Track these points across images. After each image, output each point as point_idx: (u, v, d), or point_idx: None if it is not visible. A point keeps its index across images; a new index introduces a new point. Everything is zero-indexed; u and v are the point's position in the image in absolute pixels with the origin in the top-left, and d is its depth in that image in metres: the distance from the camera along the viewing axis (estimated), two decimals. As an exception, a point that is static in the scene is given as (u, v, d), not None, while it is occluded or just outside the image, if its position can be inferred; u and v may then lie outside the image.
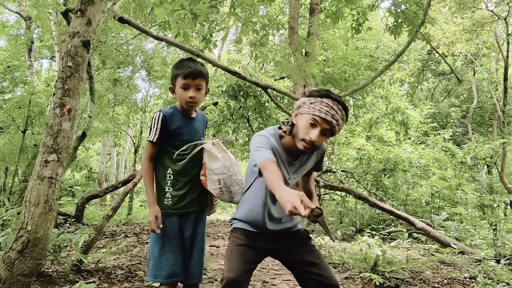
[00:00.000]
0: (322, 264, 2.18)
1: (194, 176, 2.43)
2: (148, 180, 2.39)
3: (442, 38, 14.51)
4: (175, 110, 2.43)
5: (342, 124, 2.08)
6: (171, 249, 2.34)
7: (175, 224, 2.38)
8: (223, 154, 2.37)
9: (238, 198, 2.41)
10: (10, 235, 3.70)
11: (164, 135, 2.36)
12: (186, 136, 2.41)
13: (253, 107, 10.40)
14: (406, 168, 9.70)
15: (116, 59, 8.02)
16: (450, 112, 18.41)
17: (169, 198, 2.38)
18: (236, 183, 2.39)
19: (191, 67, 2.35)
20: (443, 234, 6.52)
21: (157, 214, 2.31)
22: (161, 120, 2.35)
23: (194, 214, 2.45)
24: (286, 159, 2.20)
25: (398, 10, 6.96)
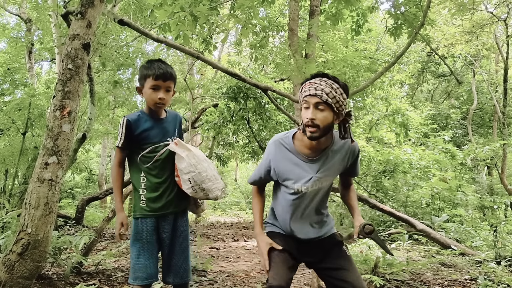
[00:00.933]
0: (351, 272, 2.10)
1: (168, 177, 2.41)
2: (116, 185, 2.42)
3: (441, 39, 14.52)
4: (141, 113, 2.43)
5: (333, 92, 1.97)
6: (147, 251, 2.35)
7: (151, 226, 2.37)
8: (187, 152, 2.36)
9: (214, 194, 2.39)
10: (10, 238, 3.70)
11: (130, 140, 2.36)
12: (154, 138, 2.40)
13: (253, 109, 10.39)
14: (406, 170, 9.69)
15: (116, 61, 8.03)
16: (450, 113, 18.40)
17: (143, 201, 2.38)
18: (208, 179, 2.36)
19: (162, 68, 2.34)
20: (443, 236, 6.52)
21: (122, 221, 2.35)
22: (126, 125, 2.34)
23: (172, 215, 2.43)
24: (303, 158, 2.13)
25: (398, 11, 6.96)
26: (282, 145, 2.16)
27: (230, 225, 10.89)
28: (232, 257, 6.00)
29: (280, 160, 2.15)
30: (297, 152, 2.13)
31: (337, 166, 2.17)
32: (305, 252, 2.21)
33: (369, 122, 13.28)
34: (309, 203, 2.18)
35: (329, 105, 1.97)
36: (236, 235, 8.60)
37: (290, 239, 2.20)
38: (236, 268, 5.17)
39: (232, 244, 7.35)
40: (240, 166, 24.78)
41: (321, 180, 2.14)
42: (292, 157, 2.14)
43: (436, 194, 8.80)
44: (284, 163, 2.15)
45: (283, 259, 2.12)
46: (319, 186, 2.15)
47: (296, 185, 2.13)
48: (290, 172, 2.14)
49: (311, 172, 2.12)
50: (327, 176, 2.15)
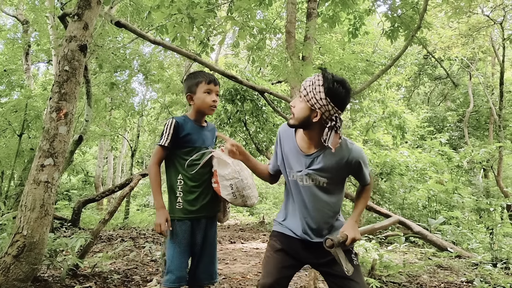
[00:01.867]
0: (358, 283, 2.07)
1: (204, 182, 2.47)
2: (156, 184, 2.44)
3: (438, 42, 14.59)
4: (186, 118, 2.54)
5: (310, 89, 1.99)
6: (181, 254, 2.39)
7: (186, 229, 2.42)
8: (231, 160, 2.41)
9: (251, 201, 2.45)
10: (5, 240, 3.68)
11: (175, 141, 2.44)
12: (196, 143, 2.49)
13: (250, 111, 10.40)
14: (403, 172, 9.71)
15: (113, 63, 8.03)
16: (447, 116, 18.47)
17: (180, 203, 2.43)
18: (248, 187, 2.43)
19: (212, 75, 2.54)
20: (440, 238, 6.53)
21: (166, 217, 2.38)
22: (174, 126, 2.43)
23: (205, 220, 2.49)
24: (299, 150, 2.17)
25: (395, 14, 6.99)
26: (286, 133, 2.25)
27: (227, 227, 10.88)
28: (228, 260, 5.99)
29: (287, 145, 2.22)
30: (295, 143, 2.19)
31: (331, 171, 2.12)
32: (311, 254, 2.19)
33: (366, 124, 13.31)
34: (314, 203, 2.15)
35: (302, 98, 2.04)
36: (233, 238, 8.59)
37: (293, 240, 2.20)
38: (233, 270, 5.17)
39: (229, 247, 7.34)
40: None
41: (311, 176, 2.12)
42: (294, 144, 2.19)
43: (432, 197, 8.82)
44: (289, 148, 2.21)
45: (277, 258, 2.15)
46: (310, 182, 2.14)
47: (291, 172, 2.19)
48: (290, 158, 2.20)
49: (303, 165, 2.15)
50: (319, 175, 2.11)
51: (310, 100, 2.00)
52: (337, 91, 1.97)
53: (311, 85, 2.00)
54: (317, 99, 1.98)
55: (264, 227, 10.84)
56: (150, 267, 5.00)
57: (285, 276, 2.14)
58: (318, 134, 2.08)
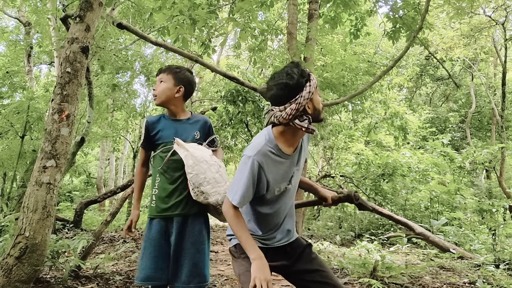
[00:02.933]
0: (327, 272, 2.07)
1: (178, 178, 2.37)
2: (136, 184, 2.54)
3: (440, 43, 14.57)
4: (163, 116, 2.54)
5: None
6: (149, 253, 2.34)
7: (158, 227, 2.37)
8: (186, 152, 2.30)
9: (213, 198, 2.27)
10: (8, 241, 3.69)
11: (149, 140, 2.48)
12: (166, 138, 2.44)
13: (251, 112, 10.40)
14: (405, 173, 9.70)
15: (115, 64, 8.05)
16: (449, 117, 18.44)
17: (153, 201, 2.41)
18: (206, 182, 2.25)
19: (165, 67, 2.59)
20: (442, 239, 6.52)
21: (132, 218, 2.44)
22: (145, 125, 2.49)
23: (180, 218, 2.35)
24: (285, 155, 1.99)
25: (396, 15, 6.98)
26: (268, 151, 1.95)
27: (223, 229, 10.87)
28: (230, 261, 5.98)
29: (272, 169, 1.97)
30: (281, 152, 1.98)
31: (304, 154, 2.13)
32: (278, 257, 2.11)
33: (367, 125, 13.30)
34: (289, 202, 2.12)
35: None
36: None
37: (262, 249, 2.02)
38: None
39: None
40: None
41: (297, 173, 2.10)
42: (279, 160, 1.98)
43: (434, 198, 8.81)
44: (275, 170, 1.98)
45: None
46: (296, 180, 2.11)
47: (281, 185, 2.03)
48: (279, 176, 2.01)
49: (292, 167, 2.04)
50: (300, 167, 2.10)
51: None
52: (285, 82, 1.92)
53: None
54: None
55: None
56: (152, 268, 4.99)
57: None
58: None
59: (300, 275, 2.10)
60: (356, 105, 12.42)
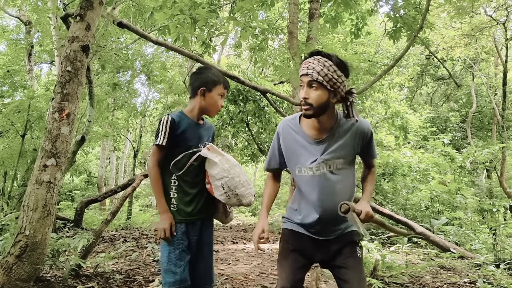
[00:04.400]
0: (354, 273, 2.04)
1: (199, 183, 2.38)
2: (158, 186, 2.34)
3: (441, 43, 14.56)
4: (182, 114, 2.41)
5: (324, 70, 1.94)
6: (177, 256, 2.30)
7: (181, 231, 2.33)
8: (220, 157, 2.32)
9: (247, 200, 2.35)
10: (8, 240, 3.69)
11: (171, 139, 2.32)
12: (191, 141, 2.38)
13: (252, 112, 10.41)
14: (406, 173, 9.70)
15: (116, 63, 8.05)
16: (449, 116, 18.43)
17: (174, 205, 2.34)
18: (241, 185, 2.32)
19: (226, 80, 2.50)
20: (442, 239, 6.51)
21: (171, 222, 2.30)
22: (170, 123, 2.31)
23: (200, 222, 2.40)
24: (309, 140, 2.09)
25: (397, 15, 6.98)
26: (289, 127, 2.15)
27: (229, 228, 10.88)
28: (231, 260, 5.99)
29: (288, 142, 2.14)
30: (304, 134, 2.10)
31: (346, 148, 2.09)
32: (320, 249, 2.15)
33: (368, 125, 13.26)
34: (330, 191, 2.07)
35: (321, 83, 1.95)
36: (235, 238, 8.58)
37: (305, 237, 2.15)
38: (235, 271, 5.16)
39: (231, 247, 7.34)
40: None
41: (328, 162, 2.06)
42: (298, 138, 2.11)
43: (435, 197, 8.80)
44: (291, 144, 2.13)
45: (291, 260, 2.12)
46: (327, 169, 2.07)
47: (301, 168, 2.10)
48: (296, 154, 2.12)
49: (316, 153, 2.07)
50: (334, 158, 2.07)
51: (334, 84, 1.96)
52: (343, 63, 2.00)
53: (325, 69, 1.94)
54: (336, 78, 1.96)
55: (267, 227, 10.80)
56: (153, 267, 5.00)
57: (300, 277, 2.12)
58: (329, 117, 2.05)
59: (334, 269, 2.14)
60: (357, 105, 12.40)
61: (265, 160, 2.40)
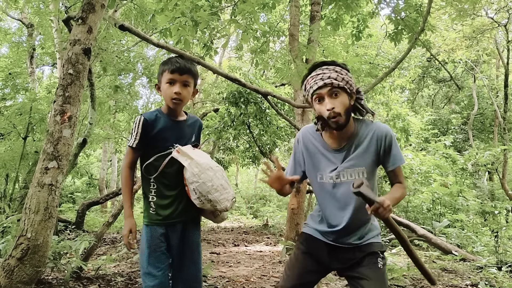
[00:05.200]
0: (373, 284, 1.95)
1: (178, 185, 2.28)
2: (126, 189, 2.28)
3: (442, 45, 14.55)
4: (159, 113, 2.30)
5: (339, 74, 1.93)
6: (156, 259, 2.23)
7: (160, 234, 2.26)
8: (189, 161, 2.20)
9: (222, 205, 2.22)
10: (10, 242, 3.70)
11: (145, 140, 2.23)
12: (169, 141, 2.27)
13: (253, 114, 10.40)
14: (407, 175, 9.69)
15: (117, 66, 8.05)
16: (451, 118, 18.41)
17: (153, 208, 2.27)
18: (214, 190, 2.18)
19: (179, 62, 2.25)
20: (444, 241, 6.50)
21: (131, 228, 2.22)
22: (142, 123, 2.21)
23: (181, 224, 2.31)
24: (329, 148, 2.05)
25: (398, 17, 6.98)
26: (309, 133, 2.13)
27: (230, 230, 10.87)
28: (232, 262, 5.98)
29: (309, 148, 2.12)
30: (323, 142, 2.08)
31: (367, 155, 2.02)
32: (338, 259, 2.09)
33: (369, 127, 13.26)
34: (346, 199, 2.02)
35: (342, 88, 1.93)
36: (236, 240, 8.58)
37: (321, 243, 2.11)
38: (237, 273, 5.16)
39: (233, 249, 7.33)
40: (241, 171, 24.72)
41: (348, 171, 2.02)
42: (318, 146, 2.09)
43: (437, 199, 8.79)
44: (311, 151, 2.11)
45: (301, 261, 2.08)
46: (348, 177, 2.02)
47: (322, 176, 2.07)
48: (317, 161, 2.09)
49: (336, 162, 2.03)
50: (355, 166, 2.02)
51: (351, 86, 1.96)
52: (345, 64, 2.01)
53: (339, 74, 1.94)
54: (350, 79, 1.97)
55: (268, 229, 10.82)
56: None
57: (307, 281, 2.06)
58: (349, 124, 2.00)
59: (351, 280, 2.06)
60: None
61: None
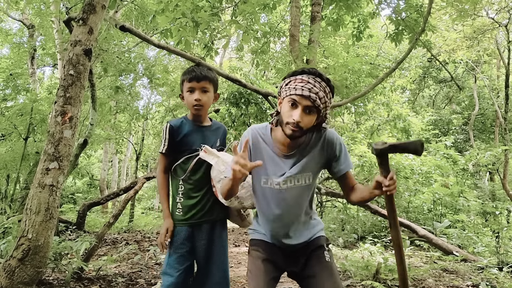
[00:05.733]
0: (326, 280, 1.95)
1: (205, 186, 2.36)
2: (162, 192, 2.39)
3: (443, 45, 14.55)
4: (185, 119, 2.44)
5: (325, 97, 1.86)
6: (175, 259, 2.30)
7: (184, 235, 2.33)
8: (216, 159, 2.28)
9: (250, 202, 2.25)
10: (11, 243, 3.70)
11: (173, 145, 2.35)
12: (195, 144, 2.37)
13: (254, 114, 10.40)
14: (408, 175, 9.67)
15: (118, 66, 8.06)
16: (452, 119, 18.40)
17: (179, 209, 2.35)
18: (241, 187, 2.21)
19: (196, 70, 2.37)
20: (445, 242, 6.49)
21: (168, 227, 2.31)
22: (169, 130, 2.35)
23: (208, 225, 2.37)
24: (278, 152, 2.01)
25: (399, 17, 6.99)
26: (259, 135, 2.06)
27: (231, 231, 10.86)
28: (233, 263, 5.98)
29: (257, 151, 2.04)
30: (274, 146, 2.02)
31: (315, 161, 2.02)
32: (290, 261, 2.10)
33: (370, 127, 13.28)
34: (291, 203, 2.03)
35: (317, 109, 1.87)
36: (237, 241, 8.58)
37: (275, 247, 2.10)
38: (237, 274, 5.16)
39: (233, 250, 7.33)
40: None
41: (296, 177, 2.01)
42: (268, 150, 2.03)
43: (437, 200, 8.78)
44: (260, 154, 2.04)
45: (263, 270, 2.01)
46: (295, 183, 2.01)
47: (267, 180, 2.03)
48: (264, 165, 2.01)
49: (285, 167, 2.01)
50: (302, 172, 2.01)
51: (324, 108, 1.89)
52: (333, 87, 1.94)
53: (326, 96, 1.87)
54: (329, 104, 1.91)
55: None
56: (155, 270, 5.00)
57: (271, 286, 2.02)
58: None
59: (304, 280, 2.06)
60: (359, 107, 12.41)
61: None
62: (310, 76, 1.88)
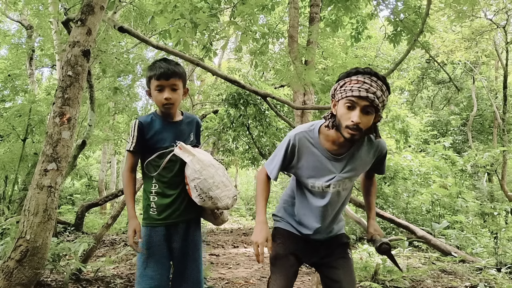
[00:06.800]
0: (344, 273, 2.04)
1: (180, 184, 2.28)
2: (128, 191, 2.30)
3: (441, 46, 14.57)
4: (154, 115, 2.33)
5: (382, 96, 1.84)
6: (155, 261, 2.22)
7: (161, 235, 2.25)
8: (191, 157, 2.21)
9: (223, 203, 2.20)
10: (9, 244, 3.69)
11: (142, 143, 2.26)
12: (167, 141, 2.28)
13: (253, 115, 10.41)
14: (407, 176, 9.68)
15: (117, 67, 8.05)
16: (450, 120, 18.42)
17: (154, 208, 2.26)
18: (215, 187, 2.18)
19: (163, 67, 2.23)
20: (443, 243, 6.50)
21: (135, 228, 2.20)
22: (137, 127, 2.25)
23: (184, 224, 2.30)
24: (328, 155, 2.00)
25: (397, 19, 6.99)
26: (307, 140, 2.02)
27: (230, 232, 10.86)
28: (231, 264, 5.98)
29: (305, 156, 2.03)
30: (323, 149, 2.01)
31: (362, 165, 2.06)
32: (313, 252, 2.13)
33: (369, 128, 13.27)
34: (335, 204, 2.07)
35: (376, 108, 1.85)
36: (236, 242, 8.57)
37: (299, 239, 2.12)
38: (236, 275, 5.16)
39: (232, 251, 7.33)
40: (240, 173, 24.72)
41: (345, 180, 2.03)
42: (316, 153, 2.01)
43: (436, 201, 8.79)
44: (307, 158, 2.03)
45: (286, 265, 2.05)
46: (343, 187, 2.04)
47: (317, 183, 2.02)
48: (313, 169, 2.02)
49: (335, 170, 2.00)
50: (351, 176, 2.04)
51: (382, 107, 1.89)
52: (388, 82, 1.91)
53: (383, 95, 1.86)
54: (386, 103, 1.91)
55: (267, 231, 10.79)
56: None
57: (293, 279, 2.08)
58: None
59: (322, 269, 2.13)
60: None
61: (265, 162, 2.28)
62: (365, 76, 1.86)
